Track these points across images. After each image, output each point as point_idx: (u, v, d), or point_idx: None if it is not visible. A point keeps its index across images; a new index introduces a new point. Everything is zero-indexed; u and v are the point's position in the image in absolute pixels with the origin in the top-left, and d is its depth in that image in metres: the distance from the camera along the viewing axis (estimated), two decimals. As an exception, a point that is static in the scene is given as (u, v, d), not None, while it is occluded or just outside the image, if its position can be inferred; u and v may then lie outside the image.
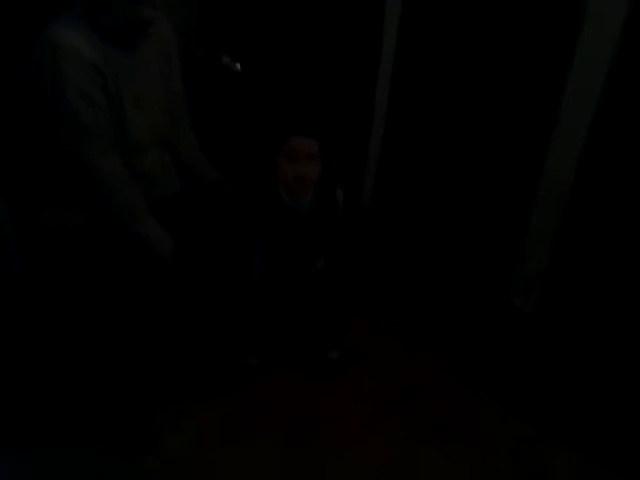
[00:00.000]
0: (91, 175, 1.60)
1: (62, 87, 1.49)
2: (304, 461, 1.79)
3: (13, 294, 2.17)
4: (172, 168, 1.89)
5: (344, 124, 2.43)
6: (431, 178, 2.39)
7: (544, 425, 1.93)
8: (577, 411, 1.95)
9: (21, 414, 1.86)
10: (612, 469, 1.79)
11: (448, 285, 2.40)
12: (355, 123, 2.45)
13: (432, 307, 2.38)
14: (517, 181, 2.09)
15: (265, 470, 1.76)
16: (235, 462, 1.77)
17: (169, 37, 1.75)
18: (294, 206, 1.80)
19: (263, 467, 1.77)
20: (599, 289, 1.96)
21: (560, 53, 1.83)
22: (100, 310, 1.67)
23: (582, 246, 1.98)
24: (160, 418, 1.85)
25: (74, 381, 1.94)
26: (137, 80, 1.64)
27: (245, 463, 1.77)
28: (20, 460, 1.75)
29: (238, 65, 2.42)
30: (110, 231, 1.67)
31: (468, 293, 2.34)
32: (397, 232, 2.55)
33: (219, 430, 1.86)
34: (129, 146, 1.65)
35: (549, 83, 1.90)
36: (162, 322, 1.87)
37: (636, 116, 1.73)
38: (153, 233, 1.68)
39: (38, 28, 1.54)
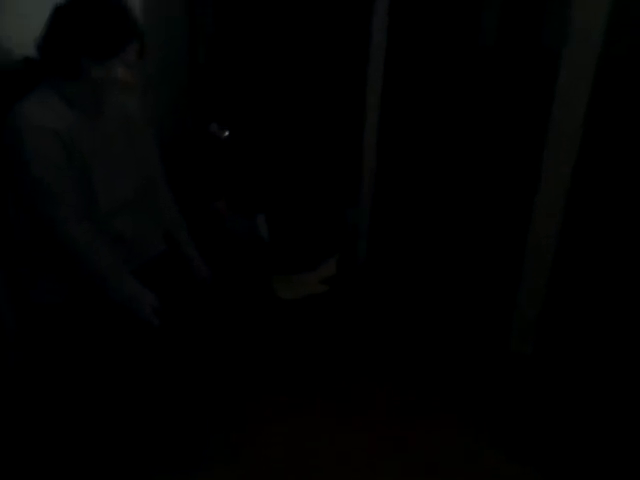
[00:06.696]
0: (64, 241, 1.62)
1: (27, 157, 1.53)
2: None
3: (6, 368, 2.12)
4: (152, 230, 1.88)
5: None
6: (423, 231, 2.46)
7: (549, 469, 1.94)
8: (580, 453, 1.96)
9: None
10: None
11: (447, 335, 2.44)
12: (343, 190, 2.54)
13: (430, 357, 2.41)
14: (508, 230, 2.17)
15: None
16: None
17: (131, 109, 1.80)
18: None
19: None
20: (593, 330, 2.02)
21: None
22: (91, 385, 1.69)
23: (575, 290, 2.04)
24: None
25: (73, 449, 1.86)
26: (103, 147, 1.68)
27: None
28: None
29: (225, 132, 2.48)
30: (92, 301, 1.66)
31: (467, 342, 2.38)
32: (393, 286, 2.59)
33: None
34: (100, 211, 1.68)
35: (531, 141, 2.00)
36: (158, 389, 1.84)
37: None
38: (132, 292, 1.65)
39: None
